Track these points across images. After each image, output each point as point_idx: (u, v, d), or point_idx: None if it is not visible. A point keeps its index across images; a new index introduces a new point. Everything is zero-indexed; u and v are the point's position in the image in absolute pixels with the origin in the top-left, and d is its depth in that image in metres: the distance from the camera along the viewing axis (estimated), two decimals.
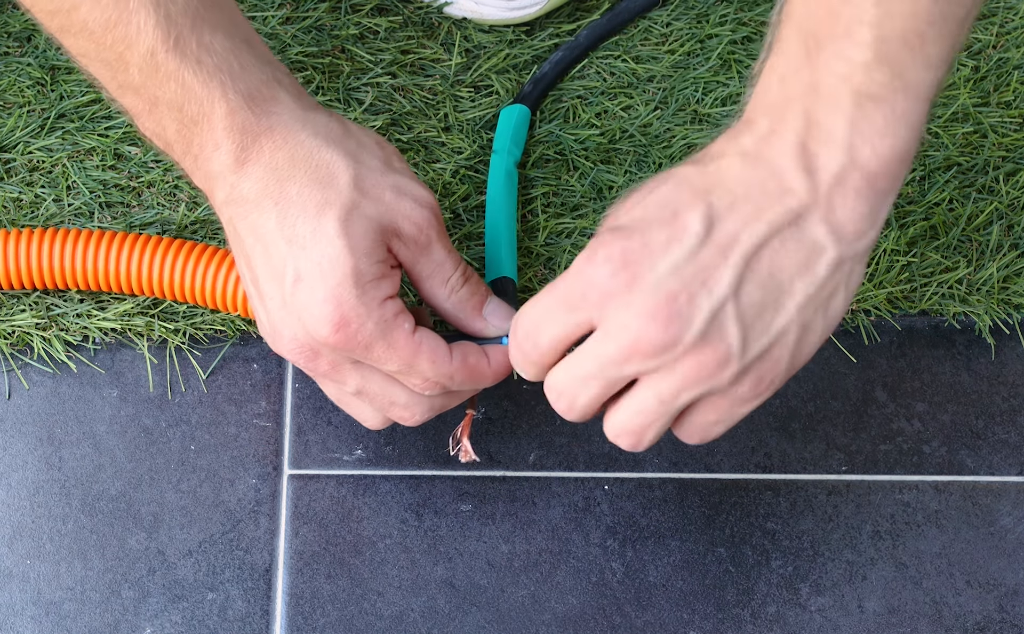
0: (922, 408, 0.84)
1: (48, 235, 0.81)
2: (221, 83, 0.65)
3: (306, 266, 0.65)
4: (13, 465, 0.80)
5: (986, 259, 0.87)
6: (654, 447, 0.82)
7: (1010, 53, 0.93)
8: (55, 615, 0.77)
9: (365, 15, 0.92)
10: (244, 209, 0.67)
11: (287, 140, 0.66)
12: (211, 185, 0.68)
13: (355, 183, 0.66)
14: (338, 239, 0.65)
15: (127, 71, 0.65)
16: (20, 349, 0.82)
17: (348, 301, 0.65)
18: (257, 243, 0.67)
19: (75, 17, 0.64)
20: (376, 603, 0.78)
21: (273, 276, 0.67)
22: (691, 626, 0.78)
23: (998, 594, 0.80)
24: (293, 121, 0.67)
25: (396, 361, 0.67)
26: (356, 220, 0.66)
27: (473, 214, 0.86)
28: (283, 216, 0.66)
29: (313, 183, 0.66)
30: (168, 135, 0.67)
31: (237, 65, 0.66)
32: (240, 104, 0.65)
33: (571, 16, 0.93)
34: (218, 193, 0.67)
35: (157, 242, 0.81)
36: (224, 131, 0.65)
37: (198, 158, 0.67)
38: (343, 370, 0.69)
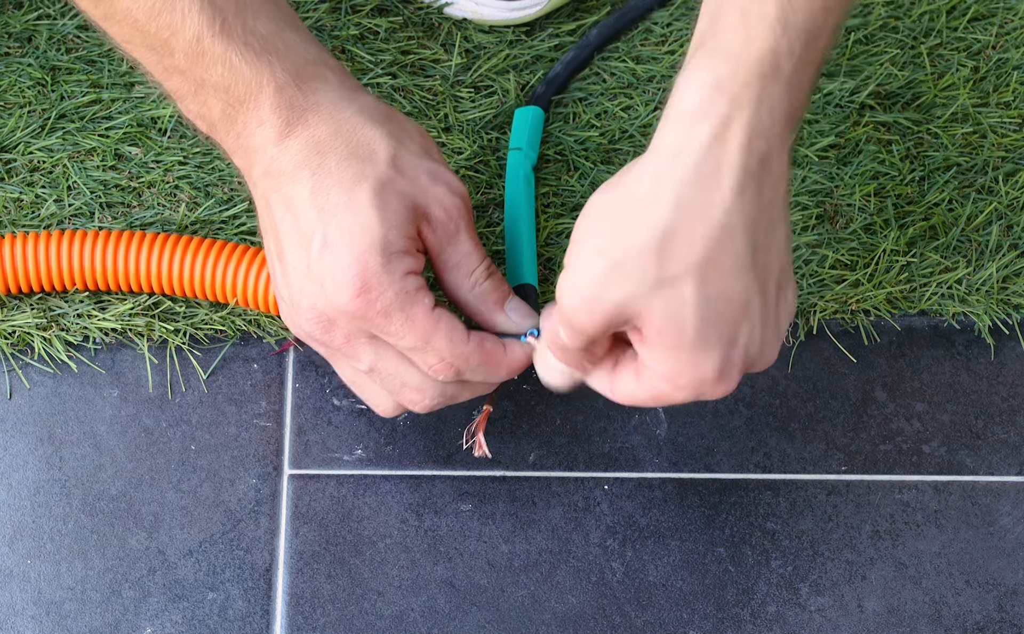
0: (922, 408, 0.84)
1: (54, 237, 0.81)
2: (269, 63, 0.67)
3: (335, 233, 0.66)
4: (14, 465, 0.80)
5: (985, 259, 0.87)
6: (653, 447, 0.82)
7: (1009, 53, 0.93)
8: (56, 615, 0.77)
9: (365, 16, 0.92)
10: (280, 180, 0.68)
11: (332, 116, 0.67)
12: (250, 160, 0.69)
13: (392, 161, 0.68)
14: (370, 208, 0.66)
15: (172, 56, 0.66)
16: (21, 349, 0.82)
17: (372, 268, 0.66)
18: (288, 213, 0.68)
19: (119, 5, 0.66)
20: (376, 603, 0.78)
21: (300, 244, 0.67)
22: (691, 626, 0.78)
23: (997, 594, 0.80)
24: (339, 99, 0.68)
25: (413, 336, 0.67)
26: (389, 194, 0.67)
27: (473, 214, 0.86)
28: (318, 185, 0.67)
29: (351, 157, 0.67)
30: (212, 115, 0.68)
31: (283, 46, 0.67)
32: (287, 82, 0.67)
33: (571, 16, 0.93)
34: (256, 167, 0.68)
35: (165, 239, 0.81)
36: (271, 109, 0.67)
37: (240, 135, 0.68)
38: (357, 344, 0.69)
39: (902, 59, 0.92)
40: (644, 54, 0.92)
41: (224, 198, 0.86)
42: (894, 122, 0.90)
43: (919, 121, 0.91)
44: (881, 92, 0.91)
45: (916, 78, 0.92)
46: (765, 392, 0.84)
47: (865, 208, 0.88)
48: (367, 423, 0.82)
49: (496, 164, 0.88)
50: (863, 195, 0.88)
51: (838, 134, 0.90)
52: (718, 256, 0.61)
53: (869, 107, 0.91)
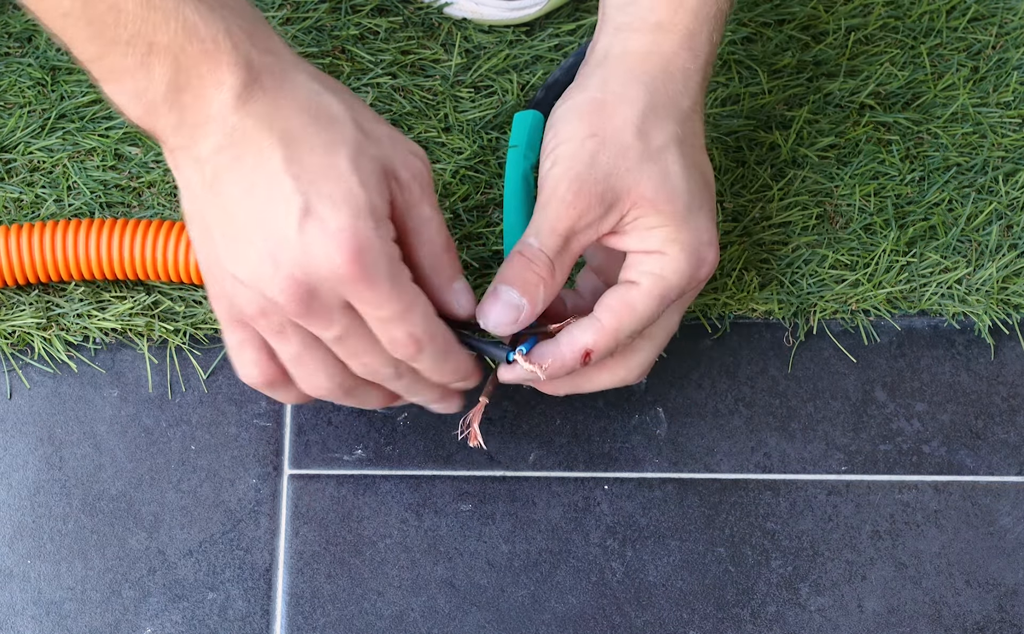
0: (922, 408, 0.84)
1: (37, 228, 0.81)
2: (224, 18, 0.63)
3: (317, 200, 0.63)
4: (14, 465, 0.80)
5: (985, 259, 0.87)
6: (653, 447, 0.82)
7: (1009, 53, 0.93)
8: (56, 615, 0.77)
9: (365, 16, 0.92)
10: (242, 150, 0.63)
11: (288, 79, 0.64)
12: (200, 134, 0.64)
13: (357, 126, 0.65)
14: (352, 175, 0.63)
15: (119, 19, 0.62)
16: (21, 349, 0.82)
17: (364, 232, 0.63)
18: (253, 186, 0.64)
19: None
20: (376, 603, 0.78)
21: (271, 215, 0.64)
22: (691, 626, 0.78)
23: (997, 594, 0.80)
24: (290, 63, 0.65)
25: (394, 305, 0.65)
26: (364, 159, 0.65)
27: (473, 214, 0.86)
28: (290, 153, 0.63)
29: (317, 122, 0.64)
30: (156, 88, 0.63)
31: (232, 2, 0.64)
32: (243, 39, 0.63)
33: (571, 16, 0.93)
34: (208, 140, 0.64)
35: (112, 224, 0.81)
36: (229, 66, 0.63)
37: (189, 107, 0.63)
38: (333, 312, 0.66)
39: (902, 59, 0.92)
40: None
41: None
42: (894, 122, 0.90)
43: (919, 121, 0.91)
44: (881, 92, 0.91)
45: (916, 78, 0.92)
46: (765, 392, 0.84)
47: (865, 208, 0.88)
48: (367, 423, 0.82)
49: (496, 164, 0.88)
50: (863, 195, 0.88)
51: (838, 134, 0.90)
52: (688, 133, 0.70)
53: (869, 107, 0.91)
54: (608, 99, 0.70)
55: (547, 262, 0.69)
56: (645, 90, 0.70)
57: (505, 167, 0.86)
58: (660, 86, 0.71)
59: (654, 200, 0.68)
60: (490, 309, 0.69)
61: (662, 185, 0.69)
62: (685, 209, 0.69)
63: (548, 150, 0.71)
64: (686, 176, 0.69)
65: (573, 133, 0.70)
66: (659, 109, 0.70)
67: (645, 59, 0.71)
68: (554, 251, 0.69)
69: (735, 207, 0.87)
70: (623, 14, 0.73)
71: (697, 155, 0.71)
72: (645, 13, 0.72)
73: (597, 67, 0.72)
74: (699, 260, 0.70)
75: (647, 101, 0.70)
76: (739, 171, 0.88)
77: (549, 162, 0.70)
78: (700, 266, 0.70)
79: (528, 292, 0.68)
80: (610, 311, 0.69)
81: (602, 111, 0.70)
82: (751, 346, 0.85)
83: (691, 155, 0.70)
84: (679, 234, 0.69)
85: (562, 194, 0.68)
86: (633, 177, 0.68)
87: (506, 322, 0.69)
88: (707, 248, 0.70)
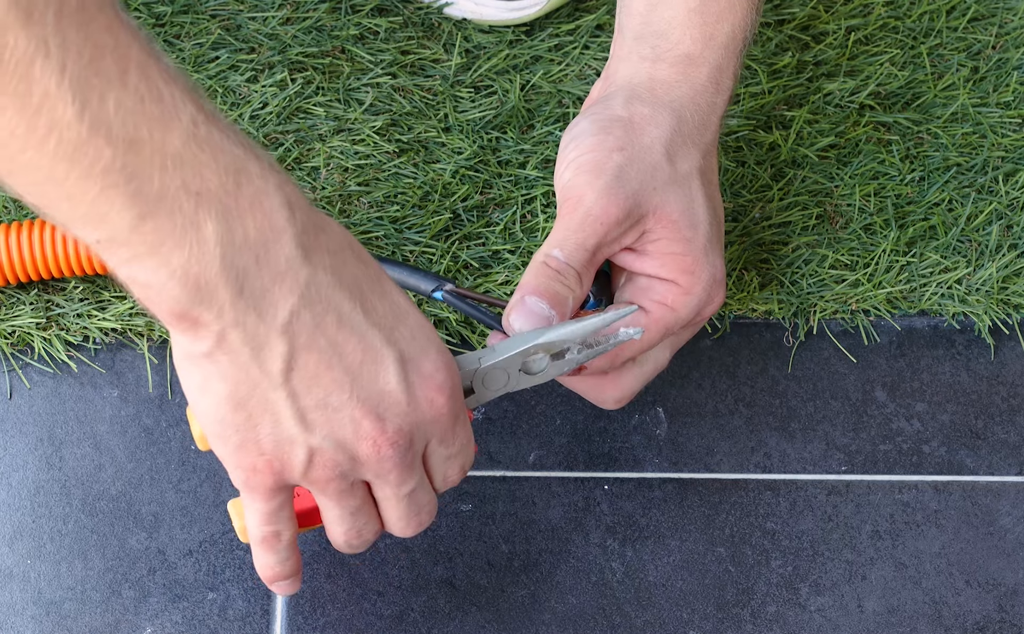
0: (922, 408, 0.84)
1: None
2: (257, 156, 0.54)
3: (405, 343, 0.58)
4: (14, 465, 0.80)
5: (985, 259, 0.87)
6: (653, 447, 0.82)
7: (1009, 53, 0.93)
8: (56, 615, 0.77)
9: (365, 15, 0.92)
10: (323, 307, 0.55)
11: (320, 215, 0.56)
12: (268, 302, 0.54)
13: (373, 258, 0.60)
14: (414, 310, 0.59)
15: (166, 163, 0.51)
16: (21, 349, 0.82)
17: (451, 365, 0.60)
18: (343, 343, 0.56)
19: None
20: (376, 603, 0.78)
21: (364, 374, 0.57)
22: (691, 626, 0.78)
23: (997, 594, 0.80)
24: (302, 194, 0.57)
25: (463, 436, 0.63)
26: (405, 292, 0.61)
27: (473, 214, 0.86)
28: (362, 300, 0.57)
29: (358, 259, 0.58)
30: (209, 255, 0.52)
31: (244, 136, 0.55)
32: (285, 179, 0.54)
33: (571, 16, 0.93)
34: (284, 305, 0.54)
35: None
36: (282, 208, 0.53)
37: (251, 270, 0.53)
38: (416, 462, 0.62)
39: (902, 59, 0.92)
40: None
41: None
42: (894, 122, 0.90)
43: (919, 121, 0.91)
44: (881, 92, 0.91)
45: (916, 78, 0.92)
46: (765, 392, 0.84)
47: (865, 208, 0.88)
48: None
49: (496, 164, 0.88)
50: (863, 195, 0.88)
51: (838, 134, 0.90)
52: (708, 168, 0.70)
53: (869, 107, 0.91)
54: (635, 119, 0.69)
55: (576, 276, 0.67)
56: (673, 116, 0.69)
57: None
58: (687, 115, 0.70)
59: (679, 224, 0.67)
60: (517, 319, 0.67)
61: (687, 211, 0.68)
62: (705, 241, 0.68)
63: (569, 160, 0.69)
64: (707, 208, 0.69)
65: (598, 145, 0.68)
66: (686, 136, 0.69)
67: (672, 88, 0.70)
68: (582, 265, 0.67)
69: (735, 207, 0.87)
70: (646, 45, 0.72)
71: (714, 191, 0.71)
72: (674, 45, 0.71)
73: (619, 91, 0.71)
74: (709, 297, 0.69)
75: (675, 126, 0.69)
76: (739, 171, 0.88)
77: (571, 171, 0.68)
78: (708, 303, 0.69)
79: (557, 304, 0.67)
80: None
81: (630, 128, 0.69)
82: (751, 346, 0.85)
83: (710, 190, 0.70)
84: (696, 267, 0.68)
85: (589, 206, 0.67)
86: (660, 197, 0.67)
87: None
88: (717, 287, 0.69)
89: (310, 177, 0.87)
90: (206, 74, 0.89)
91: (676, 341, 0.72)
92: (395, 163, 0.87)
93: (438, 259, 0.84)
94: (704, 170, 0.70)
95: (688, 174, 0.69)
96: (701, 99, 0.70)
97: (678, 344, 0.73)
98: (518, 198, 0.87)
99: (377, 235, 0.85)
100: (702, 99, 0.70)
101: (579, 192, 0.67)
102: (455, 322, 0.82)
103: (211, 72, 0.89)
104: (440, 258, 0.84)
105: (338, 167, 0.88)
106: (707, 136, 0.70)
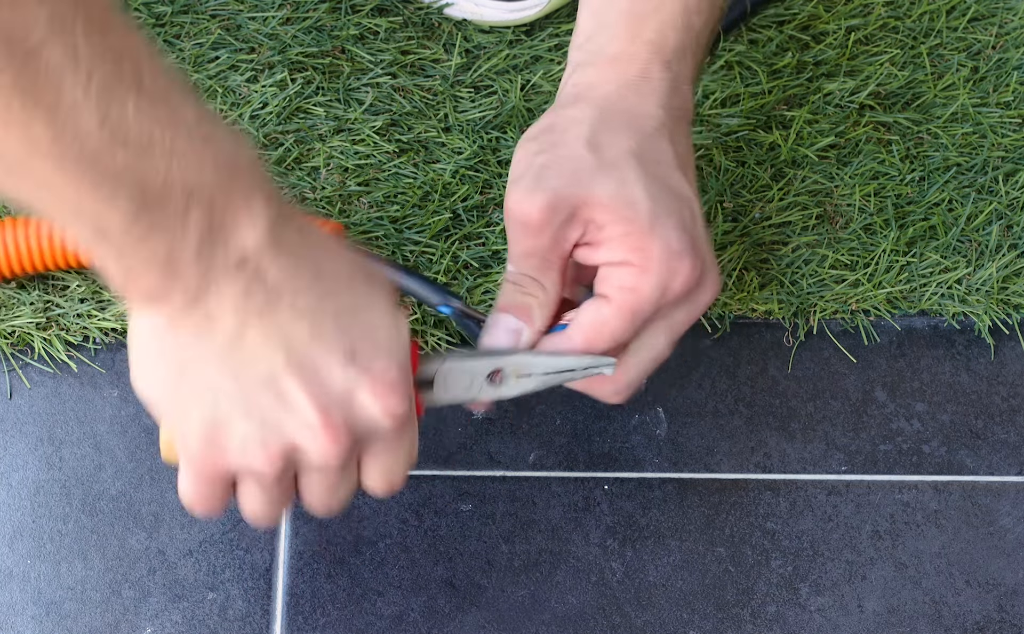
0: (922, 408, 0.84)
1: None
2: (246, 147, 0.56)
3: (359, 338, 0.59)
4: (14, 465, 0.80)
5: (985, 259, 0.87)
6: (653, 447, 0.82)
7: (1009, 53, 0.93)
8: (56, 615, 0.77)
9: (365, 16, 0.92)
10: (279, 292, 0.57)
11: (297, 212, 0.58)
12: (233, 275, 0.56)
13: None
14: (382, 305, 0.60)
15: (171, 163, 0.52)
16: (21, 349, 0.82)
17: (405, 366, 0.61)
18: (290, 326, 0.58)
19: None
20: (376, 603, 0.78)
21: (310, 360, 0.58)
22: (691, 626, 0.78)
23: (997, 594, 0.80)
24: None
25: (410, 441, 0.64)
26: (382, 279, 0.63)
27: (473, 214, 0.86)
28: (323, 290, 0.58)
29: (329, 253, 0.59)
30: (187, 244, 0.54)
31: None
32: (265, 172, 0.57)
33: (571, 16, 0.93)
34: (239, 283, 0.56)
35: None
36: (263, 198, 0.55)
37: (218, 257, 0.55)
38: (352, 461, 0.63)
39: (902, 59, 0.93)
40: None
41: None
42: (894, 122, 0.90)
43: (919, 121, 0.91)
44: (881, 92, 0.91)
45: (916, 78, 0.92)
46: (765, 392, 0.84)
47: (865, 208, 0.88)
48: None
49: (496, 164, 0.88)
50: (863, 195, 0.88)
51: (838, 134, 0.90)
52: (650, 150, 0.68)
53: (869, 107, 0.91)
54: (558, 122, 0.69)
55: (532, 281, 0.68)
56: (595, 109, 0.69)
57: None
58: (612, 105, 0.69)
59: (613, 206, 0.66)
60: (492, 337, 0.68)
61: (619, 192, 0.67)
62: (649, 217, 0.67)
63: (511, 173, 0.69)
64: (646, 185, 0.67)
65: (524, 155, 0.69)
66: (611, 124, 0.69)
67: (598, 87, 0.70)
68: (536, 270, 0.68)
69: (735, 207, 0.87)
70: (581, 52, 0.72)
71: (663, 171, 0.69)
72: (603, 46, 0.71)
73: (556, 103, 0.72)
74: (669, 270, 0.67)
75: (597, 118, 0.68)
76: (739, 171, 0.88)
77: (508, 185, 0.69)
78: (672, 277, 0.67)
79: (523, 314, 0.68)
80: (581, 329, 0.68)
81: (552, 131, 0.69)
82: (751, 346, 0.85)
83: (654, 170, 0.68)
84: (644, 243, 0.66)
85: (515, 214, 0.67)
86: (586, 186, 0.67)
87: (508, 346, 0.68)
88: (677, 258, 0.67)
89: (310, 177, 0.87)
90: (206, 74, 0.89)
91: (670, 327, 0.70)
92: (395, 163, 0.87)
93: (438, 259, 0.84)
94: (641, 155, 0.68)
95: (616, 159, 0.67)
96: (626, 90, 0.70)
97: (674, 330, 0.71)
98: None
99: (377, 235, 0.85)
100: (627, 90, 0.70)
101: (508, 204, 0.68)
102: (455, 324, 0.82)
103: (211, 72, 0.89)
104: (440, 258, 0.84)
105: (338, 167, 0.88)
106: (645, 123, 0.69)
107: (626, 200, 0.67)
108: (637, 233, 0.66)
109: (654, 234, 0.66)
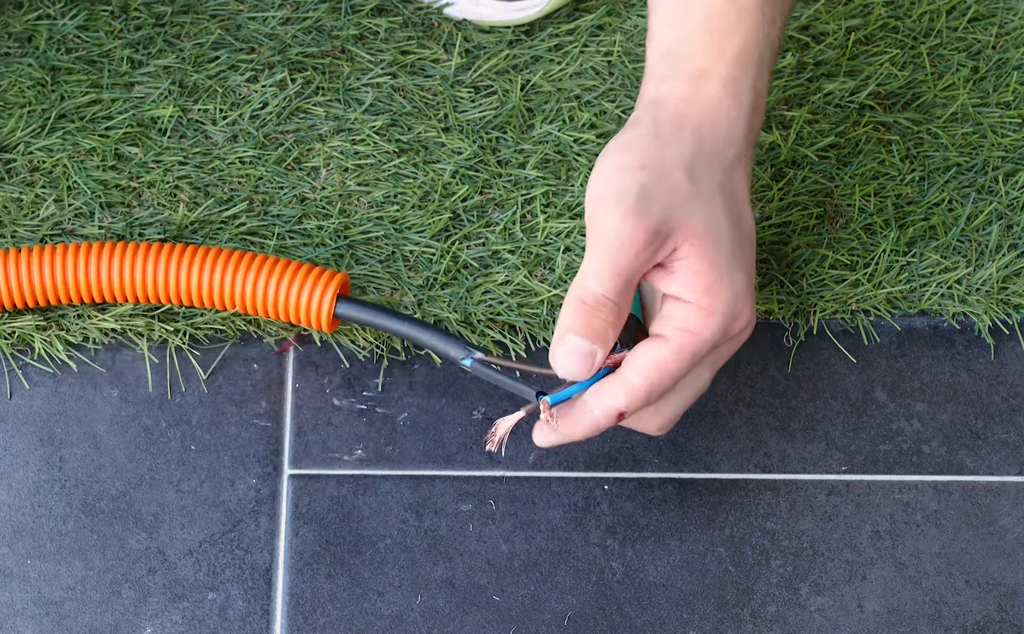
0: (922, 408, 0.84)
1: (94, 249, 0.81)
2: None
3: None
4: (14, 465, 0.80)
5: (985, 259, 0.87)
6: (653, 447, 0.82)
7: (1009, 53, 0.93)
8: (55, 615, 0.77)
9: (365, 15, 0.92)
10: None
11: None
12: None
13: None
14: None
15: None
16: (21, 349, 0.82)
17: None
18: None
19: None
20: (376, 603, 0.78)
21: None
22: (691, 626, 0.78)
23: (997, 594, 0.80)
24: None
25: None
26: None
27: (473, 214, 0.86)
28: None
29: None
30: None
31: None
32: None
33: (571, 16, 0.93)
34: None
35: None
36: None
37: None
38: None
39: (902, 59, 0.92)
40: (643, 54, 0.92)
41: (224, 198, 0.86)
42: (894, 122, 0.90)
43: (919, 121, 0.91)
44: (881, 92, 0.91)
45: (916, 78, 0.92)
46: (765, 392, 0.84)
47: (865, 208, 0.88)
48: (367, 423, 0.82)
49: (496, 164, 0.88)
50: (863, 195, 0.88)
51: (838, 134, 0.90)
52: (730, 185, 0.70)
53: (869, 107, 0.91)
54: (658, 136, 0.69)
55: (613, 307, 0.67)
56: (694, 134, 0.70)
57: None
58: (707, 132, 0.70)
59: (703, 240, 0.67)
60: (564, 359, 0.68)
61: (711, 228, 0.68)
62: (728, 260, 0.68)
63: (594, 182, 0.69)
64: (729, 226, 0.69)
65: (623, 164, 0.68)
66: (707, 155, 0.69)
67: (691, 104, 0.71)
68: (618, 294, 0.67)
69: None
70: (664, 63, 0.72)
71: (740, 208, 0.70)
72: (686, 60, 0.71)
73: (645, 110, 0.72)
74: (733, 316, 0.68)
75: (696, 145, 0.69)
76: None
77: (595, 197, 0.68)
78: (734, 322, 0.69)
79: (599, 339, 0.67)
80: (641, 373, 0.68)
81: (653, 146, 0.69)
82: (751, 346, 0.85)
83: (734, 207, 0.70)
84: (717, 286, 0.67)
85: (617, 231, 0.66)
86: (685, 214, 0.67)
87: (581, 371, 0.68)
88: (743, 304, 0.69)
89: (310, 177, 0.87)
90: (206, 74, 0.89)
91: (714, 362, 0.72)
92: (395, 163, 0.87)
93: (438, 259, 0.84)
94: (725, 187, 0.69)
95: (710, 191, 0.68)
96: (719, 113, 0.71)
97: (718, 364, 0.72)
98: (518, 198, 0.87)
99: (377, 235, 0.85)
100: (719, 114, 0.71)
101: (606, 219, 0.67)
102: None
103: (211, 72, 0.89)
104: (440, 258, 0.84)
105: (338, 167, 0.88)
106: (730, 152, 0.70)
107: (714, 237, 0.68)
108: (714, 275, 0.67)
109: (727, 279, 0.68)
